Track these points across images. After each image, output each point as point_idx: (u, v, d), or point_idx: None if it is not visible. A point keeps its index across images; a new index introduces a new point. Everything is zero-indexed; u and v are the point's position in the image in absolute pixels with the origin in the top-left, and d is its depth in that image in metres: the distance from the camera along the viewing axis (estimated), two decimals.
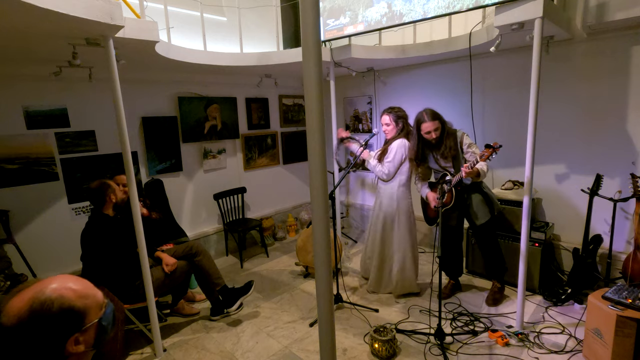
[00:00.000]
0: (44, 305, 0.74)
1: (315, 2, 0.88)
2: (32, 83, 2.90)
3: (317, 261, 1.01)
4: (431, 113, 2.71)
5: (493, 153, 2.31)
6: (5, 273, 2.64)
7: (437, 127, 2.70)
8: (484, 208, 2.77)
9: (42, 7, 1.56)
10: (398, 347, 2.44)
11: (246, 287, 2.90)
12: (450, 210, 2.84)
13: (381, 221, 3.03)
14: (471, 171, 2.45)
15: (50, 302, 0.75)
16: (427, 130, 2.71)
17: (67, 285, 0.79)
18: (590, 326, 2.21)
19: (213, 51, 3.23)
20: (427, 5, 2.64)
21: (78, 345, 0.78)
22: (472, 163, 2.42)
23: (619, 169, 2.86)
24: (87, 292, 0.82)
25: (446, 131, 2.73)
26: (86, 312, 0.79)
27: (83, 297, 0.80)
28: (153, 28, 2.29)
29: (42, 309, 0.74)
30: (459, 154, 2.73)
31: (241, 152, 4.40)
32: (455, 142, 2.73)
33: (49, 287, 0.77)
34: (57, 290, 0.77)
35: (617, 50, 2.77)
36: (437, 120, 2.70)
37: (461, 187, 2.76)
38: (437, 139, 2.73)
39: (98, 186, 2.49)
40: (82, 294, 0.80)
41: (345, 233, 4.79)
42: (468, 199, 2.80)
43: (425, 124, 2.70)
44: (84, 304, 0.79)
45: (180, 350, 2.56)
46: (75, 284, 0.81)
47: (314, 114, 0.93)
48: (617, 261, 2.88)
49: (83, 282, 0.83)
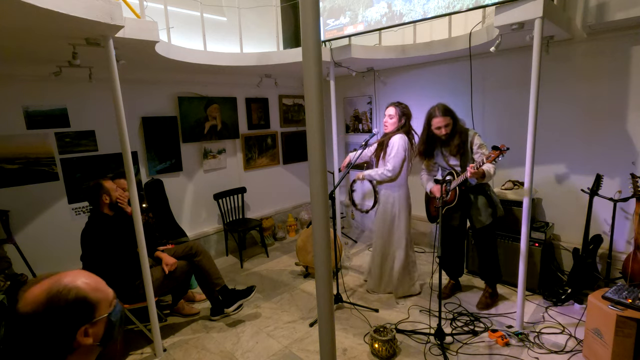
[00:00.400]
0: (61, 293, 0.79)
1: (315, 2, 0.88)
2: (32, 83, 2.90)
3: (317, 261, 1.02)
4: (443, 108, 2.65)
5: (500, 155, 2.27)
6: (5, 273, 2.64)
7: (448, 123, 2.64)
8: (486, 211, 2.73)
9: (42, 7, 1.56)
10: (398, 347, 2.44)
11: (247, 291, 2.89)
12: (453, 210, 2.82)
13: (381, 221, 3.03)
14: (476, 172, 2.42)
15: (67, 290, 0.79)
16: (437, 126, 2.66)
17: (83, 278, 0.84)
18: (590, 326, 2.21)
19: (213, 51, 3.23)
20: (427, 5, 2.63)
21: (87, 337, 0.81)
22: (478, 164, 2.40)
23: (619, 169, 2.86)
24: (100, 287, 0.86)
25: (458, 129, 2.68)
26: (98, 305, 0.83)
27: (96, 290, 0.84)
28: (153, 28, 2.29)
29: (59, 296, 0.78)
30: (468, 153, 2.67)
31: (241, 152, 4.40)
32: (466, 141, 2.67)
33: (66, 277, 0.82)
34: (73, 281, 0.82)
35: (617, 50, 2.77)
36: (448, 116, 2.64)
37: (465, 187, 2.74)
38: (447, 135, 2.67)
39: (92, 186, 2.50)
40: (95, 287, 0.85)
41: (345, 233, 4.79)
42: (471, 199, 2.78)
43: (436, 118, 2.66)
44: (96, 297, 0.84)
45: (180, 350, 2.56)
46: (89, 279, 0.85)
47: (314, 114, 0.93)
48: (617, 261, 2.88)
49: (96, 278, 0.88)
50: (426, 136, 2.79)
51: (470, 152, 2.68)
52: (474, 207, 2.77)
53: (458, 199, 2.73)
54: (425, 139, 2.80)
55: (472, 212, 2.78)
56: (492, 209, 2.75)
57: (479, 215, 2.75)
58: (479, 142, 2.66)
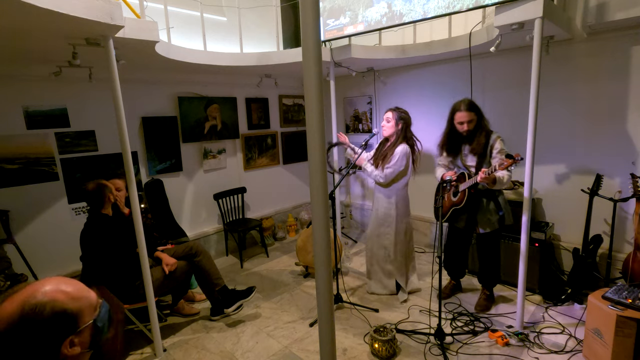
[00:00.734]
0: (35, 310, 0.73)
1: (315, 2, 0.88)
2: (32, 83, 2.90)
3: (317, 261, 1.02)
4: (468, 103, 2.57)
5: (513, 164, 2.21)
6: (5, 273, 2.64)
7: (472, 119, 2.56)
8: (492, 217, 2.65)
9: (42, 7, 1.56)
10: (398, 347, 2.44)
11: (247, 292, 2.89)
12: (460, 212, 2.74)
13: (381, 223, 3.03)
14: (487, 177, 2.36)
15: (42, 305, 0.73)
16: (459, 120, 2.58)
17: (59, 287, 0.78)
18: (590, 326, 2.21)
19: (213, 51, 3.23)
20: (427, 5, 2.63)
21: (74, 347, 0.77)
22: (491, 169, 2.34)
23: (619, 169, 2.86)
24: (80, 294, 0.80)
25: (482, 127, 2.59)
26: (80, 314, 0.78)
27: (75, 299, 0.79)
28: (153, 28, 2.29)
29: (33, 313, 0.72)
30: (487, 155, 2.58)
31: (241, 152, 4.40)
32: (487, 143, 2.57)
33: (40, 290, 0.75)
34: (49, 293, 0.75)
35: (617, 50, 2.77)
36: (473, 112, 2.56)
37: (475, 190, 2.65)
38: (468, 132, 2.60)
39: (95, 187, 2.47)
40: (75, 296, 0.79)
41: (345, 233, 4.79)
42: (480, 203, 2.68)
43: (459, 112, 2.58)
44: (77, 306, 0.78)
45: (180, 350, 2.56)
46: (67, 286, 0.79)
47: (314, 114, 0.93)
48: (617, 261, 2.88)
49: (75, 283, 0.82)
50: (449, 130, 2.71)
51: (489, 156, 2.59)
52: (482, 211, 2.68)
53: (466, 201, 2.65)
54: (447, 132, 2.72)
55: (478, 215, 2.70)
56: (500, 215, 2.66)
57: (485, 220, 2.67)
58: (499, 146, 2.55)
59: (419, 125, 3.88)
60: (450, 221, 2.85)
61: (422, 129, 3.91)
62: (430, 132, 3.95)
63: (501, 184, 2.46)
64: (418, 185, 4.06)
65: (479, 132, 2.58)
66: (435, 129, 3.90)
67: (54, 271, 3.07)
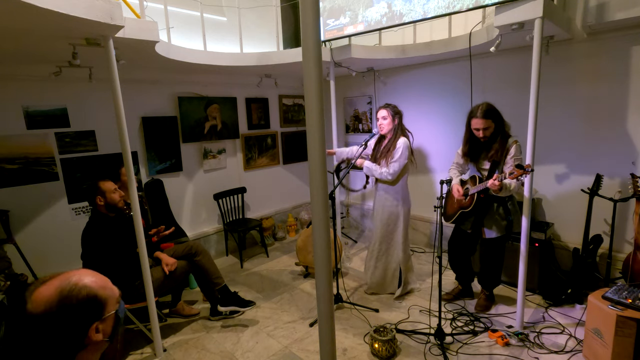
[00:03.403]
0: (72, 292, 0.80)
1: (315, 2, 0.88)
2: (32, 83, 2.90)
3: (317, 261, 1.01)
4: (485, 110, 2.45)
5: (523, 175, 2.17)
6: (5, 273, 2.64)
7: (488, 126, 2.46)
8: (498, 223, 2.60)
9: (42, 7, 1.56)
10: (398, 347, 2.44)
11: (245, 303, 2.85)
12: (467, 215, 2.70)
13: (382, 223, 3.03)
14: (496, 184, 2.31)
15: (78, 289, 0.81)
16: (475, 127, 2.50)
17: (89, 276, 0.85)
18: (590, 326, 2.21)
19: (213, 51, 3.23)
20: (427, 5, 2.63)
21: (98, 333, 0.82)
22: (501, 177, 2.30)
23: (619, 169, 2.86)
24: (107, 285, 0.87)
25: (500, 133, 2.49)
26: (107, 302, 0.85)
27: (104, 287, 0.85)
28: (153, 28, 2.29)
29: (71, 295, 0.79)
30: (502, 161, 2.50)
31: (241, 152, 4.40)
32: (502, 148, 2.49)
33: (74, 276, 0.83)
34: (82, 279, 0.83)
35: (617, 50, 2.77)
36: (490, 119, 2.45)
37: (485, 195, 2.60)
38: (485, 139, 2.52)
39: (87, 188, 2.51)
40: (103, 285, 0.86)
41: (345, 233, 4.79)
42: (490, 207, 2.63)
43: (475, 119, 2.49)
44: (105, 295, 0.85)
45: (180, 350, 2.56)
46: (95, 277, 0.87)
47: (314, 114, 0.93)
48: (617, 261, 2.88)
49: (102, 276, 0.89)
50: (468, 136, 2.62)
51: (504, 161, 2.51)
52: (489, 216, 2.63)
53: (475, 205, 2.61)
54: (467, 139, 2.64)
55: (485, 220, 2.67)
56: (508, 222, 2.60)
57: (492, 225, 2.62)
58: (514, 152, 2.46)
59: (419, 125, 3.89)
60: (456, 223, 2.84)
61: (422, 129, 3.92)
62: (430, 132, 3.97)
63: (507, 190, 2.41)
64: (418, 184, 4.07)
65: (497, 138, 2.50)
66: (435, 129, 3.93)
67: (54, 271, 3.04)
